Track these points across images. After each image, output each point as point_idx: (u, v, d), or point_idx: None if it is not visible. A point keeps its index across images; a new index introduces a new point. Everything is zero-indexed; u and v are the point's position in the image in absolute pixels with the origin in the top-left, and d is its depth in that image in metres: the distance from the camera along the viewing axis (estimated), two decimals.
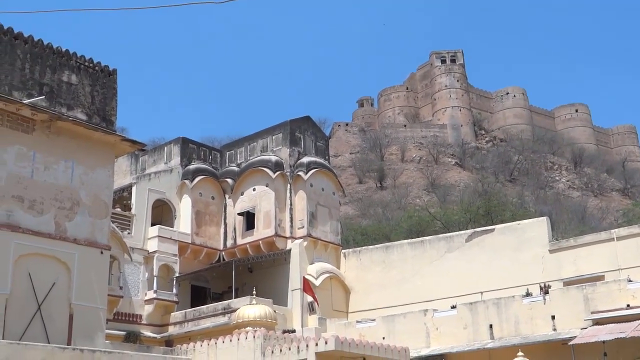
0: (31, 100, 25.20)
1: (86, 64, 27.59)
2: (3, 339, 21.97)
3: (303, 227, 36.71)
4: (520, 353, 20.78)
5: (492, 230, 35.57)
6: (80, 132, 26.35)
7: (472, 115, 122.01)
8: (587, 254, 31.37)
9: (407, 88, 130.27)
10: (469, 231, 37.00)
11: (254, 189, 37.76)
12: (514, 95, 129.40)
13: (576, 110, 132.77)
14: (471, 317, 28.34)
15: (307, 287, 34.25)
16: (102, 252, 26.30)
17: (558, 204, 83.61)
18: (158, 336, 32.89)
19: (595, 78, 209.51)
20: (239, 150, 40.82)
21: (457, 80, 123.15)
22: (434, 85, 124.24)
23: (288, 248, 35.91)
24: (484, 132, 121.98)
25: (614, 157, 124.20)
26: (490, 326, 27.72)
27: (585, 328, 24.46)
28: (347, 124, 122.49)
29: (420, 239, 39.27)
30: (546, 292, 27.79)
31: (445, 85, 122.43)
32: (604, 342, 22.05)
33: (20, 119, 24.84)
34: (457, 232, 38.36)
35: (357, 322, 31.76)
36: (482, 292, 30.97)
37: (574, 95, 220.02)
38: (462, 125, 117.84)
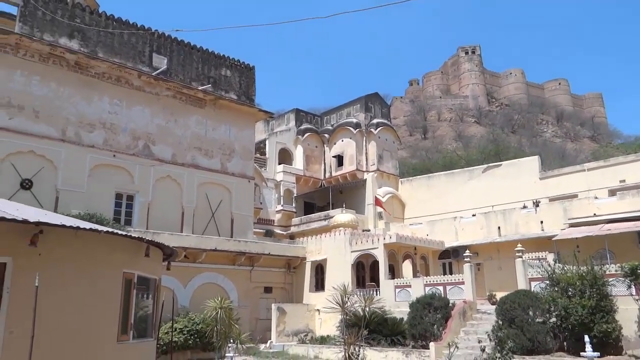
0: (203, 87, 25.87)
1: (235, 63, 27.99)
2: (192, 233, 23.27)
3: (374, 164, 36.58)
4: (519, 245, 20.24)
5: (500, 165, 34.39)
6: (234, 107, 26.95)
7: (486, 89, 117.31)
8: (566, 180, 30.02)
9: (441, 72, 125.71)
10: (484, 166, 35.89)
11: (342, 140, 37.72)
12: (515, 75, 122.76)
13: (559, 83, 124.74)
14: (485, 222, 27.76)
15: (377, 202, 34.33)
16: (249, 181, 27.17)
17: (545, 147, 79.41)
18: (284, 233, 33.81)
19: (575, 56, 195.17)
20: (332, 116, 40.75)
21: (476, 65, 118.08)
22: (460, 69, 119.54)
23: (364, 178, 35.86)
24: (494, 100, 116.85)
25: (586, 115, 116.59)
26: (499, 228, 27.10)
27: (564, 229, 23.59)
28: (401, 97, 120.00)
29: (451, 171, 38.40)
30: (537, 205, 26.82)
31: (468, 69, 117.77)
32: (576, 238, 21.23)
33: (197, 99, 25.60)
34: (476, 167, 37.25)
35: (410, 224, 31.67)
36: (493, 206, 30.20)
37: (558, 70, 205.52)
38: (479, 96, 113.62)
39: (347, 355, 10.28)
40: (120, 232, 8.07)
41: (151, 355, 9.11)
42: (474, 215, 28.84)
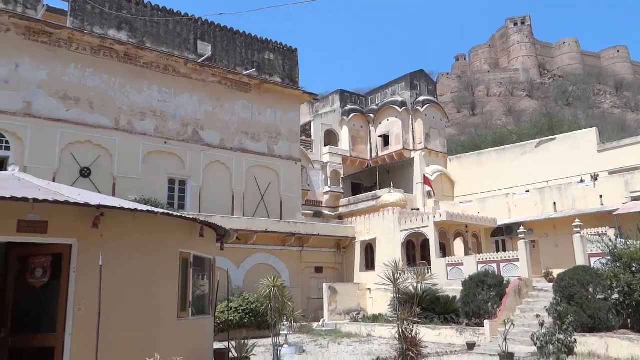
0: (247, 72, 26.09)
1: (278, 46, 28.01)
2: (244, 216, 23.73)
3: (421, 142, 36.03)
4: (577, 220, 19.43)
5: (554, 138, 33.05)
6: (278, 90, 27.07)
7: (537, 61, 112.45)
8: (627, 152, 28.50)
9: (489, 45, 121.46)
10: (537, 140, 34.60)
11: (388, 120, 37.28)
12: (569, 44, 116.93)
13: (618, 51, 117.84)
14: (540, 197, 26.86)
15: (426, 181, 33.86)
16: (296, 163, 27.34)
17: (603, 119, 75.47)
18: (333, 213, 33.96)
19: (634, 21, 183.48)
20: (377, 95, 40.27)
21: (526, 37, 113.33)
22: (508, 41, 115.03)
23: (412, 157, 35.40)
24: (546, 72, 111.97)
25: None
26: (554, 203, 26.18)
27: (626, 203, 22.49)
28: (448, 73, 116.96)
29: (502, 147, 37.26)
30: (595, 179, 25.67)
31: (517, 41, 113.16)
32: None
33: (242, 84, 25.86)
34: (528, 141, 35.92)
35: (460, 202, 31.10)
36: (547, 181, 29.18)
37: (616, 37, 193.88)
38: (530, 69, 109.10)
39: (400, 331, 10.26)
40: (175, 213, 8.32)
41: (210, 331, 9.42)
42: (527, 192, 27.97)
